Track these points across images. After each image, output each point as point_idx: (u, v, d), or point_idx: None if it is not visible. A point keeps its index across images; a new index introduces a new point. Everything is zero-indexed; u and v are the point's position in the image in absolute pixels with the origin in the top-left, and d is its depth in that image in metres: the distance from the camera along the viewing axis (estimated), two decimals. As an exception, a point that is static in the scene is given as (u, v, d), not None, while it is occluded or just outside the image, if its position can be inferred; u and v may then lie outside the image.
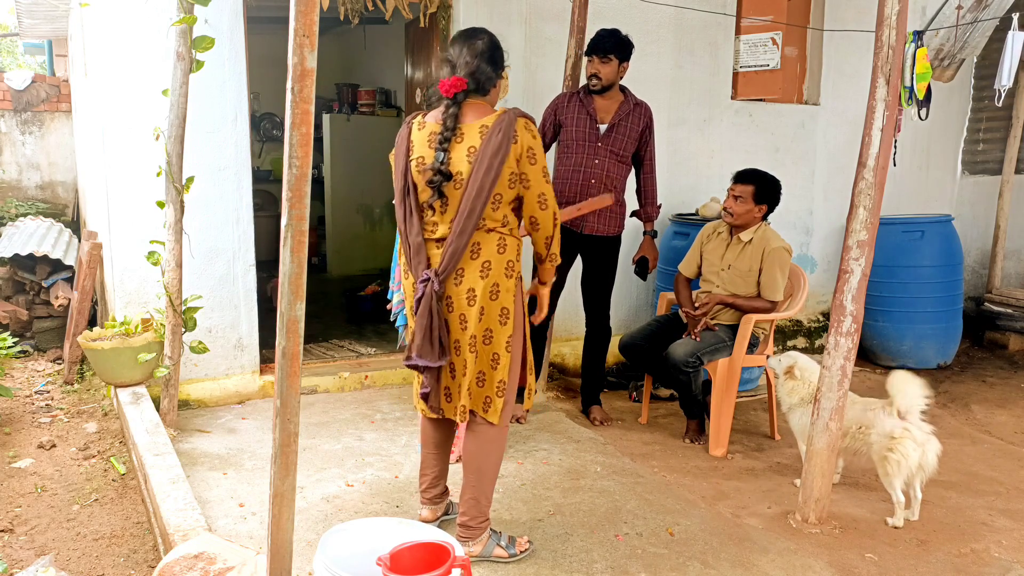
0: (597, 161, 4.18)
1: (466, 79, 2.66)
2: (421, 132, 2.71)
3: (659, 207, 4.42)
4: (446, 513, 3.12)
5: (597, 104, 4.20)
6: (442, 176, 2.62)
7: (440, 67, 2.84)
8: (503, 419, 2.78)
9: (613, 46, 4.08)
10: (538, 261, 2.86)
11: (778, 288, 3.97)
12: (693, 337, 3.95)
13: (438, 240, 2.69)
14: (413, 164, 2.69)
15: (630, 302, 5.41)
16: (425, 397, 2.83)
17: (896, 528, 3.23)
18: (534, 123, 2.69)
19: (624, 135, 4.22)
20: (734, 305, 4.02)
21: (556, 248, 2.79)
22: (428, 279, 2.65)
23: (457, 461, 3.52)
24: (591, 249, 4.31)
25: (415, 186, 2.70)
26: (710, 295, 4.08)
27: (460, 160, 2.63)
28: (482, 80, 2.70)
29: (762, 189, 3.98)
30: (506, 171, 2.61)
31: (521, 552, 2.87)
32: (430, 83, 5.36)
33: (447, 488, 3.13)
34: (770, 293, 3.97)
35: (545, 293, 2.97)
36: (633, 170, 4.35)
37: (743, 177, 4.01)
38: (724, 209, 4.04)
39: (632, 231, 4.56)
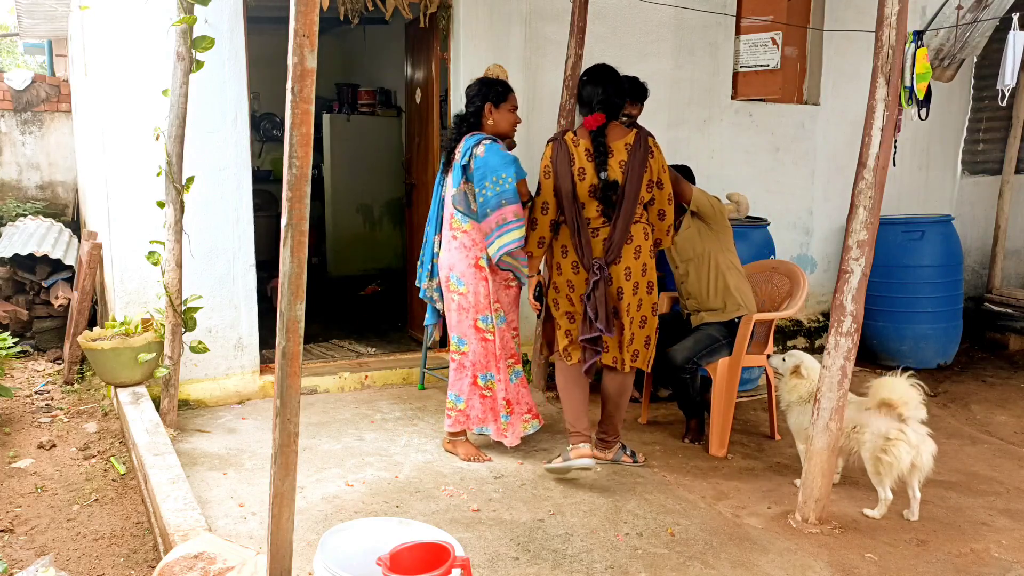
0: None
1: (604, 114, 3.47)
2: (578, 148, 3.48)
3: None
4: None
5: None
6: (608, 186, 3.42)
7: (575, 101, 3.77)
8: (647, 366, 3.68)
9: (645, 92, 4.59)
10: (656, 246, 3.63)
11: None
12: None
13: (593, 230, 3.47)
14: (576, 173, 3.46)
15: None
16: (590, 369, 3.61)
17: (873, 519, 3.25)
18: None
19: None
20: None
21: (672, 235, 3.65)
22: (601, 265, 3.43)
23: (469, 460, 3.83)
24: None
25: (578, 192, 3.46)
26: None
27: (615, 171, 3.43)
28: (614, 110, 3.51)
29: (684, 172, 4.14)
30: (646, 178, 3.44)
31: (641, 462, 3.80)
32: (430, 83, 5.36)
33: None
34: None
35: None
36: None
37: None
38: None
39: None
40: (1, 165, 7.40)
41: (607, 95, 3.49)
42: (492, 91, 3.69)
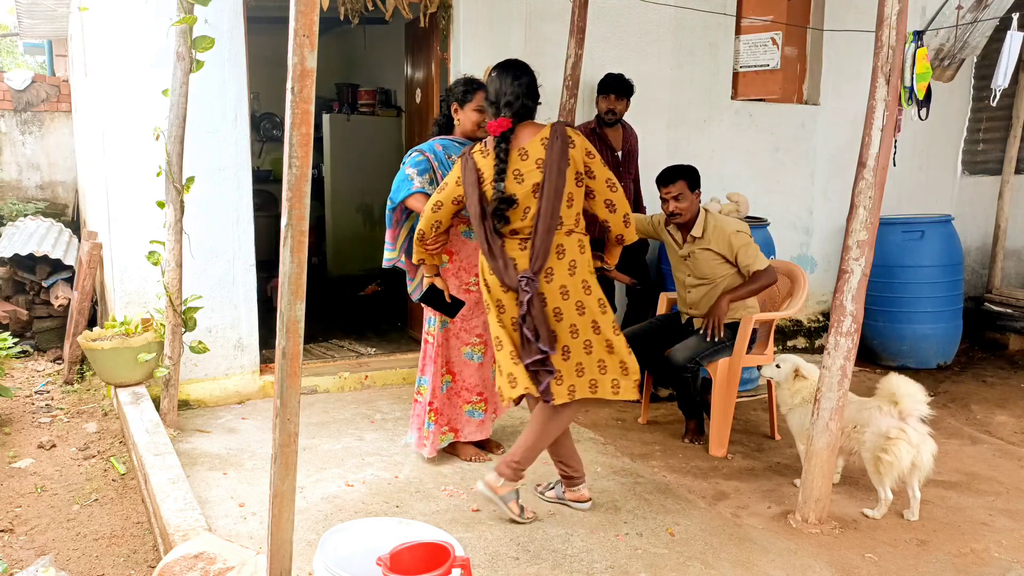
0: (622, 184, 4.91)
1: (511, 119, 3.03)
2: (487, 159, 3.07)
3: (645, 208, 5.12)
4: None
5: (609, 135, 4.89)
6: (503, 200, 2.99)
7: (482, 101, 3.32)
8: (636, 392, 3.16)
9: (630, 89, 4.86)
10: (616, 243, 3.22)
11: (758, 259, 3.94)
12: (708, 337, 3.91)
13: (520, 242, 3.03)
14: (489, 188, 3.04)
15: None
16: (546, 390, 3.05)
17: (873, 519, 3.25)
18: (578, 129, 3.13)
19: (633, 157, 4.98)
20: (737, 297, 3.93)
21: (633, 221, 3.18)
22: (529, 279, 2.97)
23: (470, 460, 3.77)
24: (631, 253, 4.69)
25: (487, 210, 3.05)
26: (717, 308, 3.91)
27: (532, 172, 3.00)
28: (523, 113, 3.07)
29: (691, 178, 3.99)
30: (571, 172, 3.01)
31: (530, 519, 3.20)
32: (430, 83, 5.36)
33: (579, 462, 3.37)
34: (757, 265, 3.93)
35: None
36: None
37: (669, 177, 3.99)
38: (671, 214, 3.99)
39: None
40: (1, 165, 7.40)
41: (516, 96, 3.03)
42: (458, 91, 3.61)
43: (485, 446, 3.90)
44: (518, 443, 3.16)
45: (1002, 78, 4.56)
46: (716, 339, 3.90)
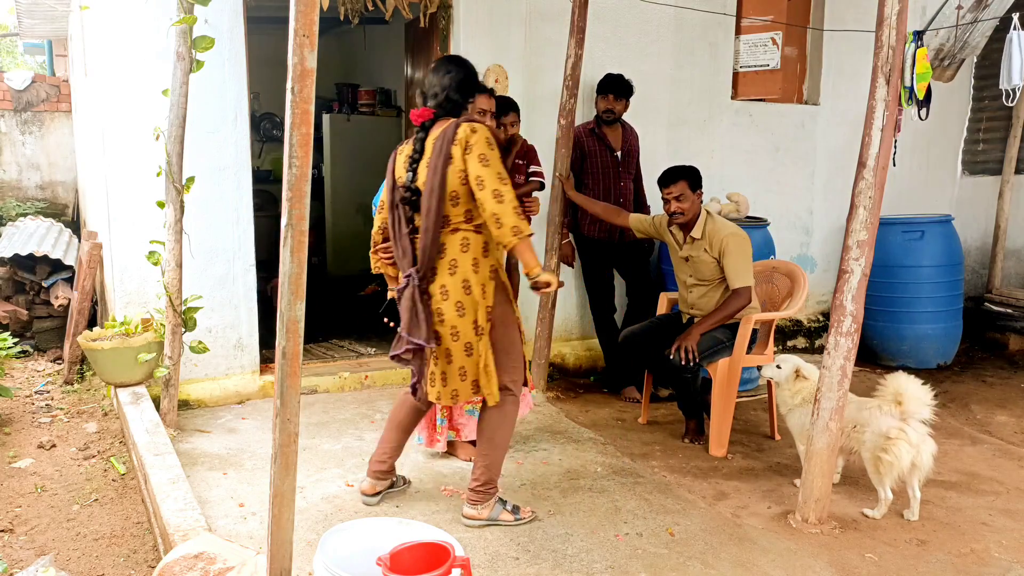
0: (622, 184, 4.92)
1: (434, 110, 3.02)
2: (401, 155, 3.08)
3: (649, 208, 5.09)
4: (391, 487, 3.37)
5: (608, 135, 4.89)
6: (411, 192, 2.99)
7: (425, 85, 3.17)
8: (501, 395, 3.09)
9: (629, 89, 4.84)
10: (501, 245, 2.90)
11: (741, 273, 3.92)
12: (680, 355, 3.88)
13: (412, 239, 3.03)
14: (401, 176, 3.04)
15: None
16: (414, 389, 3.13)
17: (873, 519, 3.26)
18: (484, 127, 2.95)
19: (633, 157, 4.99)
20: (709, 327, 3.94)
21: (509, 222, 2.82)
22: (410, 275, 2.98)
23: (469, 460, 3.68)
24: (632, 253, 4.95)
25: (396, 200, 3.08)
26: (689, 336, 3.90)
27: (423, 170, 2.97)
28: (449, 108, 3.03)
29: (692, 179, 3.99)
30: (453, 170, 2.90)
31: (527, 518, 3.16)
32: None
33: (395, 467, 3.38)
34: (737, 281, 3.92)
35: (546, 277, 2.93)
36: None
37: (671, 177, 3.99)
38: (672, 214, 3.99)
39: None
40: (1, 165, 7.40)
41: (442, 88, 3.00)
42: None
43: None
44: (476, 465, 3.13)
45: (1017, 77, 4.55)
46: (689, 364, 3.86)
